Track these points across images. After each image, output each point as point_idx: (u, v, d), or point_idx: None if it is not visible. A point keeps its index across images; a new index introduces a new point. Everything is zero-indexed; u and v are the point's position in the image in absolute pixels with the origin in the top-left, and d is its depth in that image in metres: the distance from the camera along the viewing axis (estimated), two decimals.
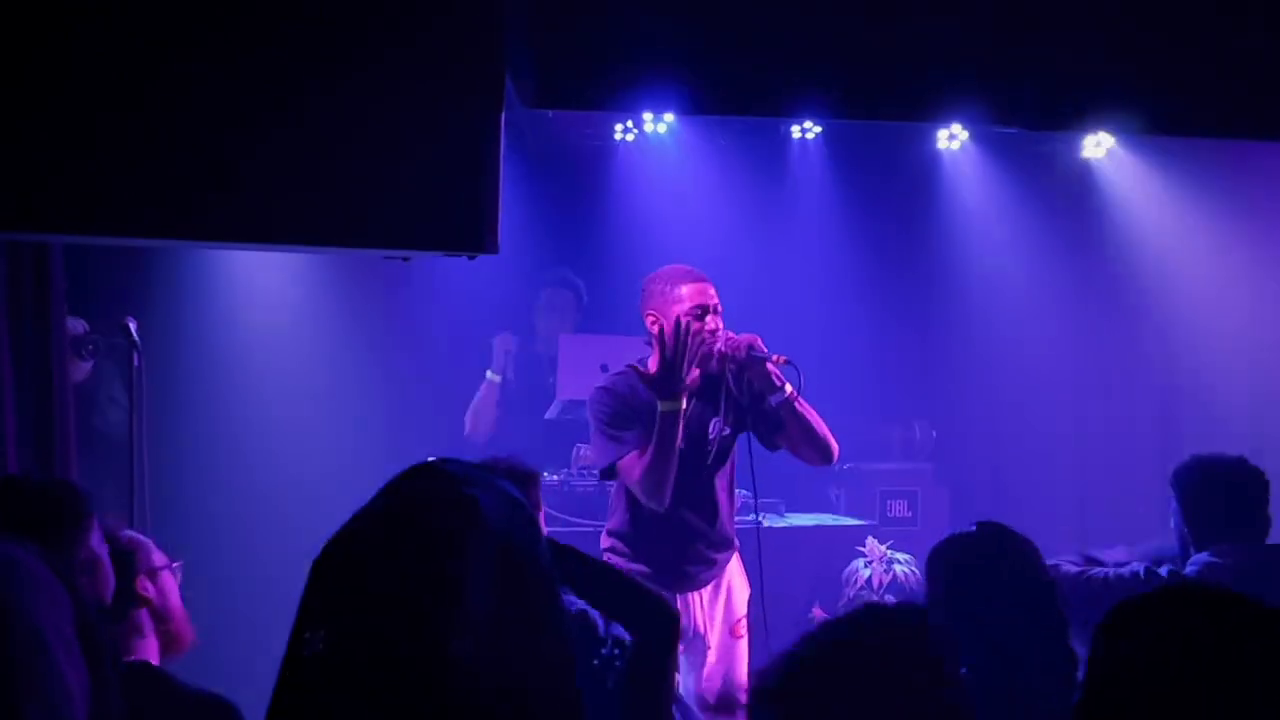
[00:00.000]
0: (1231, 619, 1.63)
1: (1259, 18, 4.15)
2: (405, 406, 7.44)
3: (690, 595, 5.34)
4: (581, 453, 6.92)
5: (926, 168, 7.97)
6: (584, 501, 6.57)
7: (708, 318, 5.23)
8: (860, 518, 7.25)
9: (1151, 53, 4.14)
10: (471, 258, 4.12)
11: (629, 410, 5.23)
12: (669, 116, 7.45)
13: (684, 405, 5.13)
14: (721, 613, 5.43)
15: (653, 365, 5.23)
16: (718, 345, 5.21)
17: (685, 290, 5.25)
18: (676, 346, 5.07)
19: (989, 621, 3.26)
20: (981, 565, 3.44)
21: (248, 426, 7.13)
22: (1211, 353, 7.87)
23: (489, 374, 7.30)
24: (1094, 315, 8.11)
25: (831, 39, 3.94)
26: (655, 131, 7.63)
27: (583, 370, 6.71)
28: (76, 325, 5.62)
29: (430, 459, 1.67)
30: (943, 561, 3.56)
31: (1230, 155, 7.15)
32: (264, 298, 7.32)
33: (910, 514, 7.49)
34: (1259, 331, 7.92)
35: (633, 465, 5.15)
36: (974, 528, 3.59)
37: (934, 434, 7.90)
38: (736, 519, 5.70)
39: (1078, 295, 8.09)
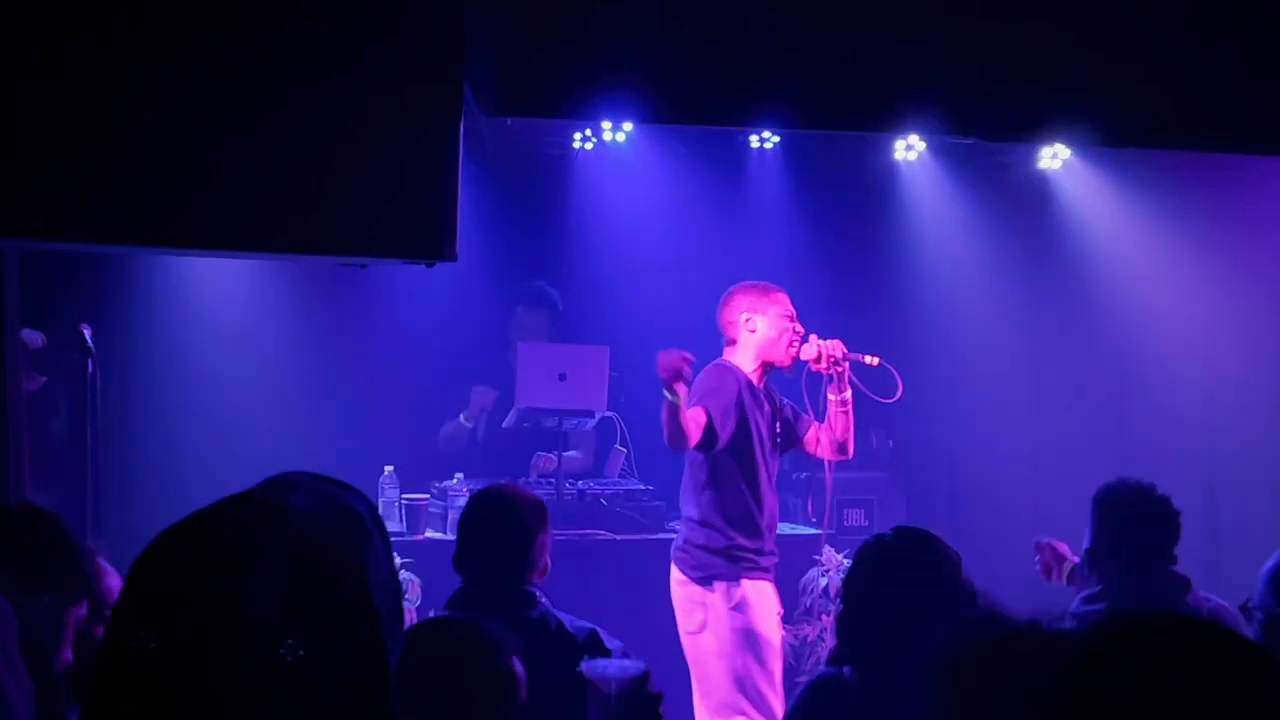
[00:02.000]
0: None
1: (1210, 33, 4.19)
2: (363, 413, 7.43)
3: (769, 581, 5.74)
4: (540, 461, 6.93)
5: (884, 178, 8.00)
6: None
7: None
8: (817, 527, 7.26)
9: (1106, 66, 4.17)
10: (429, 265, 4.12)
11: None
12: (628, 125, 7.46)
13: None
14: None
15: (748, 358, 5.81)
16: (817, 346, 5.77)
17: (779, 298, 5.84)
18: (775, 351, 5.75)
19: (894, 625, 3.28)
20: (895, 570, 3.47)
21: (203, 432, 7.10)
22: (1165, 362, 7.93)
23: (462, 418, 7.30)
24: (1050, 325, 8.16)
25: (789, 50, 3.95)
26: (614, 140, 7.63)
27: (541, 379, 6.72)
28: (36, 338, 5.59)
29: (286, 472, 1.67)
30: (858, 564, 3.60)
31: (1185, 167, 7.20)
32: (221, 304, 7.29)
33: (867, 523, 7.51)
34: (1212, 341, 7.98)
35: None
36: (890, 533, 3.63)
37: (891, 443, 7.93)
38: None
39: (1034, 305, 8.14)
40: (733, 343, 5.88)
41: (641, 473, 7.08)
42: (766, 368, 5.83)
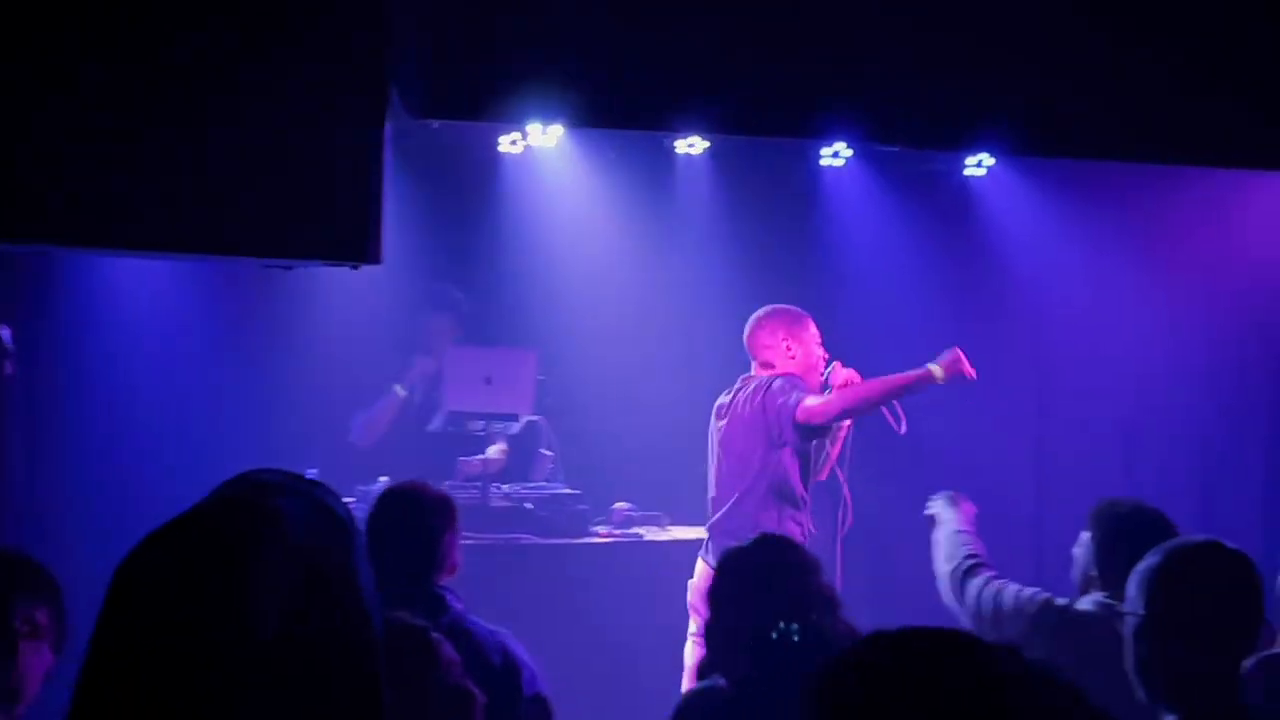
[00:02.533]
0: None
1: (1133, 43, 4.25)
2: (287, 415, 7.37)
3: None
4: (464, 465, 6.90)
5: (810, 184, 8.03)
6: (468, 515, 6.54)
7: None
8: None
9: (1028, 76, 4.22)
10: (354, 268, 4.10)
11: None
12: (556, 128, 7.44)
13: None
14: None
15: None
16: (844, 374, 6.12)
17: (811, 324, 6.22)
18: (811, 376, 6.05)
19: (759, 633, 3.32)
20: (756, 577, 3.50)
21: (125, 433, 7.03)
22: (1087, 368, 8.01)
23: (398, 388, 7.24)
24: (973, 331, 8.21)
25: (716, 56, 3.97)
26: (542, 144, 7.61)
27: (469, 382, 6.70)
28: None
29: (254, 470, 1.66)
30: (721, 574, 3.63)
31: (1108, 175, 7.28)
32: (145, 304, 7.21)
33: None
34: (1133, 347, 8.08)
35: None
36: (750, 542, 3.67)
37: None
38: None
39: (957, 311, 8.19)
40: (768, 365, 6.11)
41: (568, 476, 7.07)
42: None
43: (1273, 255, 7.55)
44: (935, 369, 5.84)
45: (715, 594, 3.63)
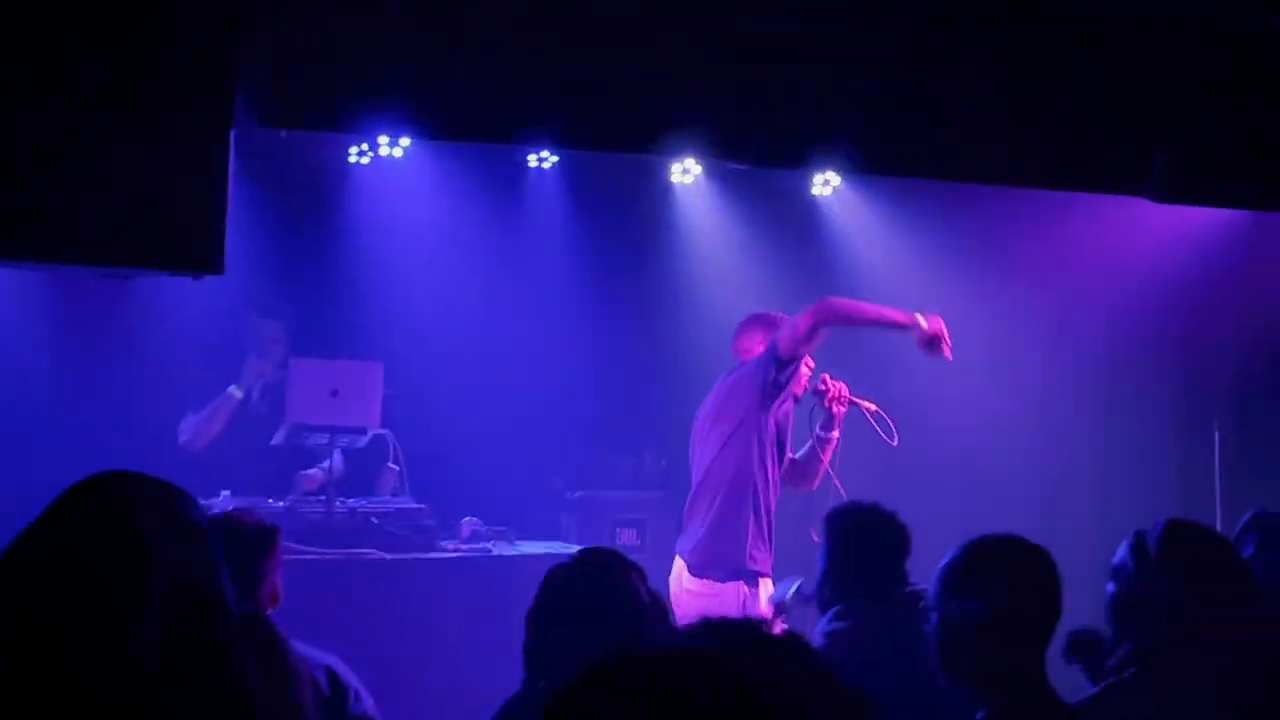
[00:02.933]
0: None
1: (968, 67, 4.34)
2: (127, 427, 7.22)
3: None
4: (303, 480, 6.80)
5: (660, 200, 8.08)
6: (312, 530, 6.46)
7: None
8: (591, 545, 7.26)
9: (870, 97, 4.29)
10: (196, 277, 4.04)
11: None
12: (405, 140, 7.41)
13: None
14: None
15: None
16: (829, 384, 6.16)
17: None
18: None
19: (579, 645, 3.32)
20: (578, 591, 3.52)
21: None
22: (932, 382, 8.14)
23: (233, 389, 7.11)
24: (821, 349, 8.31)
25: (562, 71, 3.97)
26: (391, 155, 7.57)
27: (313, 395, 6.62)
28: None
29: (106, 474, 1.64)
30: (543, 588, 3.65)
31: (953, 195, 7.41)
32: None
33: (640, 541, 7.57)
34: (979, 365, 8.23)
35: None
36: (574, 556, 3.69)
37: (664, 462, 8.00)
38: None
39: None
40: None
41: (414, 491, 7.02)
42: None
43: (1105, 274, 7.74)
44: (921, 320, 5.90)
45: (536, 610, 3.61)
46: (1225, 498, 6.59)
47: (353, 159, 7.61)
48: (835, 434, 6.18)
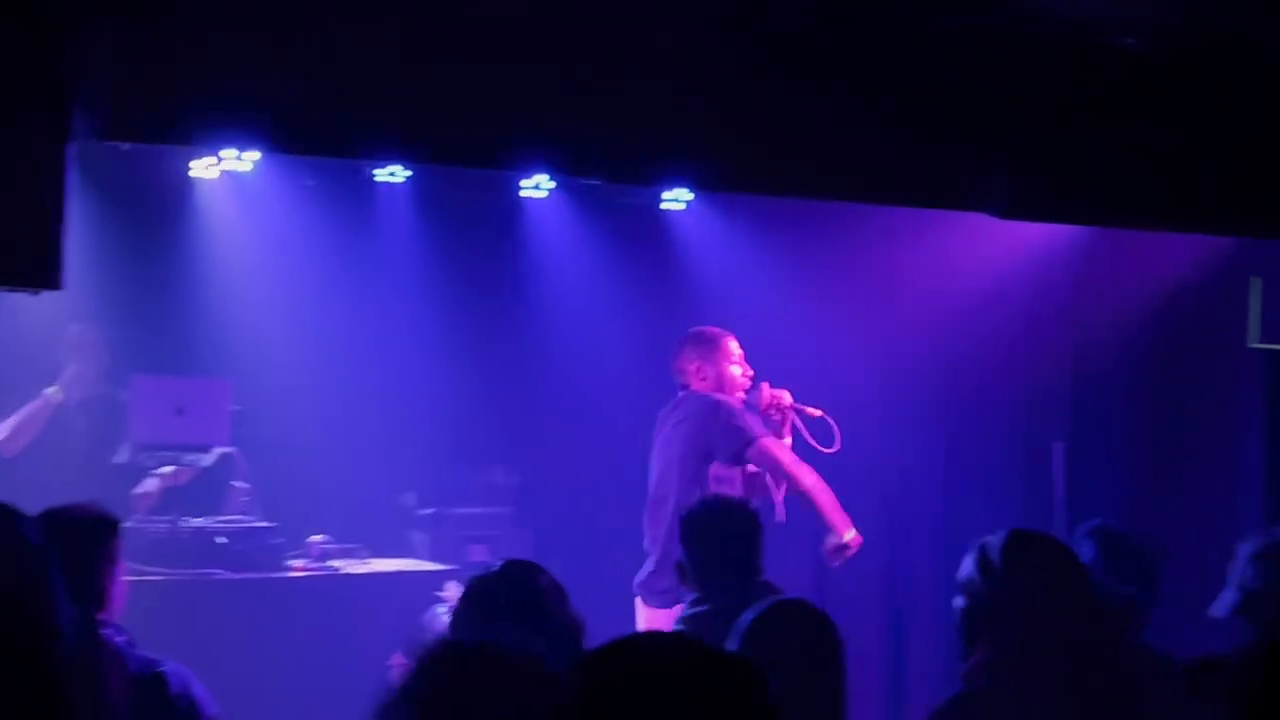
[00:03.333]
0: None
1: (812, 85, 4.39)
2: None
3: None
4: (139, 499, 6.66)
5: (511, 215, 8.06)
6: (157, 549, 6.35)
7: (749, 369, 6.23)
8: (442, 562, 7.24)
9: (717, 115, 4.32)
10: (34, 293, 3.96)
11: None
12: (253, 154, 7.30)
13: None
14: None
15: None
16: (769, 393, 6.21)
17: (726, 345, 6.27)
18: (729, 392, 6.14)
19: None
20: (496, 602, 3.51)
21: None
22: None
23: (49, 390, 6.92)
24: (670, 361, 8.34)
25: (408, 84, 3.95)
26: (238, 169, 7.45)
27: (157, 412, 6.50)
28: None
29: None
30: (463, 599, 3.63)
31: (802, 212, 7.48)
32: None
33: (491, 558, 7.51)
34: (820, 379, 8.32)
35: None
36: (499, 564, 3.68)
37: (516, 478, 7.98)
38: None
39: (655, 342, 8.30)
40: (685, 387, 6.29)
41: (263, 509, 6.93)
42: None
43: (947, 288, 7.86)
44: (851, 534, 5.96)
45: (455, 619, 3.60)
46: (1064, 510, 6.73)
47: (198, 173, 7.48)
48: (787, 440, 6.20)
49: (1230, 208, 5.33)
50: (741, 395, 6.20)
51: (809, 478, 6.00)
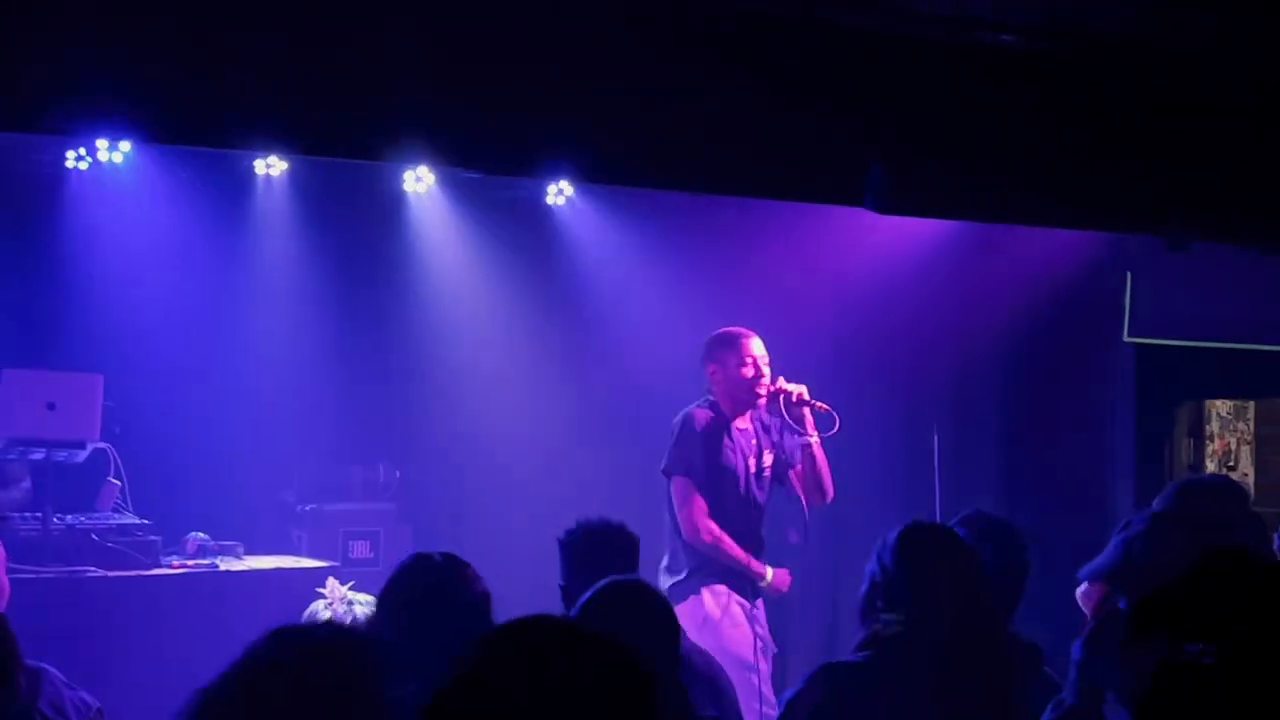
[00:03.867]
0: None
1: (693, 77, 4.39)
2: None
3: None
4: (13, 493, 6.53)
5: (393, 208, 8.00)
6: (27, 547, 6.21)
7: (764, 369, 6.22)
8: (323, 559, 7.16)
9: (598, 107, 4.31)
10: None
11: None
12: (125, 145, 7.18)
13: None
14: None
15: (723, 402, 6.25)
16: (773, 388, 6.18)
17: (742, 345, 6.26)
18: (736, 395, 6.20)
19: (433, 646, 3.32)
20: (434, 594, 3.52)
21: None
22: (660, 396, 8.22)
23: None
24: (554, 359, 8.34)
25: (283, 70, 3.88)
26: (111, 160, 7.32)
27: (27, 408, 6.37)
28: None
29: None
30: (393, 585, 3.64)
31: (684, 205, 7.50)
32: None
33: (373, 554, 7.48)
34: (702, 376, 8.35)
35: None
36: (438, 557, 3.70)
37: (398, 474, 7.92)
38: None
39: (539, 338, 8.30)
40: (709, 389, 6.32)
41: (136, 506, 6.81)
42: (743, 408, 6.23)
43: (830, 279, 7.92)
44: (769, 577, 6.12)
45: (379, 605, 3.67)
46: (944, 499, 6.80)
47: (70, 164, 7.34)
48: (812, 438, 6.22)
49: (1105, 205, 5.40)
50: (761, 396, 6.20)
51: (705, 536, 6.06)
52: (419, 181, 7.90)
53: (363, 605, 6.59)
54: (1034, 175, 5.20)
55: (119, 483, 6.77)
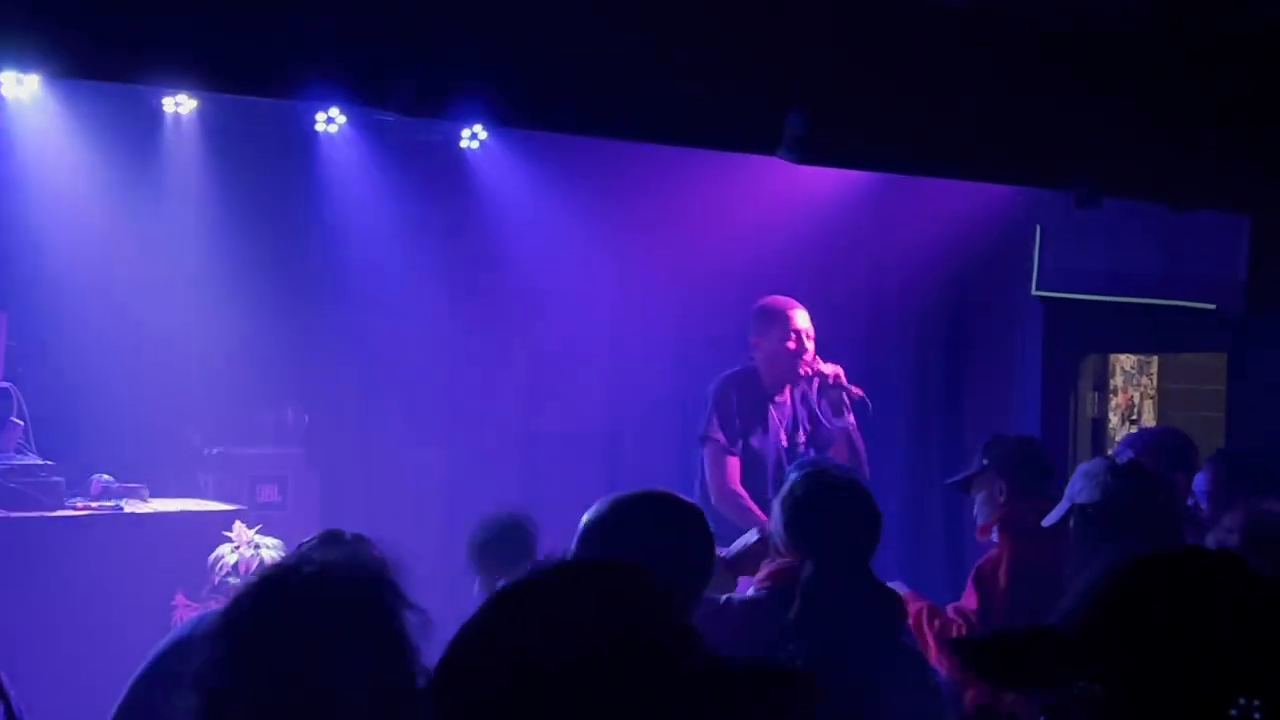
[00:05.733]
0: None
1: (606, 20, 4.36)
2: None
3: None
4: None
5: (304, 150, 7.91)
6: None
7: (808, 344, 6.24)
8: (229, 502, 7.11)
9: (511, 48, 4.27)
10: None
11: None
12: (31, 80, 7.03)
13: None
14: None
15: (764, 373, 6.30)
16: (812, 368, 6.21)
17: (784, 319, 6.26)
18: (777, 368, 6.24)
19: None
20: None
21: None
22: (572, 342, 8.23)
23: None
24: (466, 301, 8.30)
25: (193, 8, 3.81)
26: (18, 97, 7.17)
27: None
28: None
29: None
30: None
31: (597, 152, 7.46)
32: None
33: (280, 498, 7.44)
34: (618, 319, 8.36)
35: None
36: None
37: (306, 418, 7.87)
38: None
39: (450, 282, 8.25)
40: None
41: (41, 447, 6.72)
42: (784, 381, 6.27)
43: (738, 231, 7.92)
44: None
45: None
46: None
47: None
48: (849, 419, 6.24)
49: (1017, 159, 5.43)
50: (802, 371, 6.20)
51: (729, 498, 6.08)
52: (330, 123, 7.81)
53: (270, 549, 6.56)
54: (949, 130, 5.21)
55: (22, 423, 6.69)
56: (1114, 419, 8.49)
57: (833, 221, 7.91)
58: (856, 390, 6.22)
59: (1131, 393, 8.71)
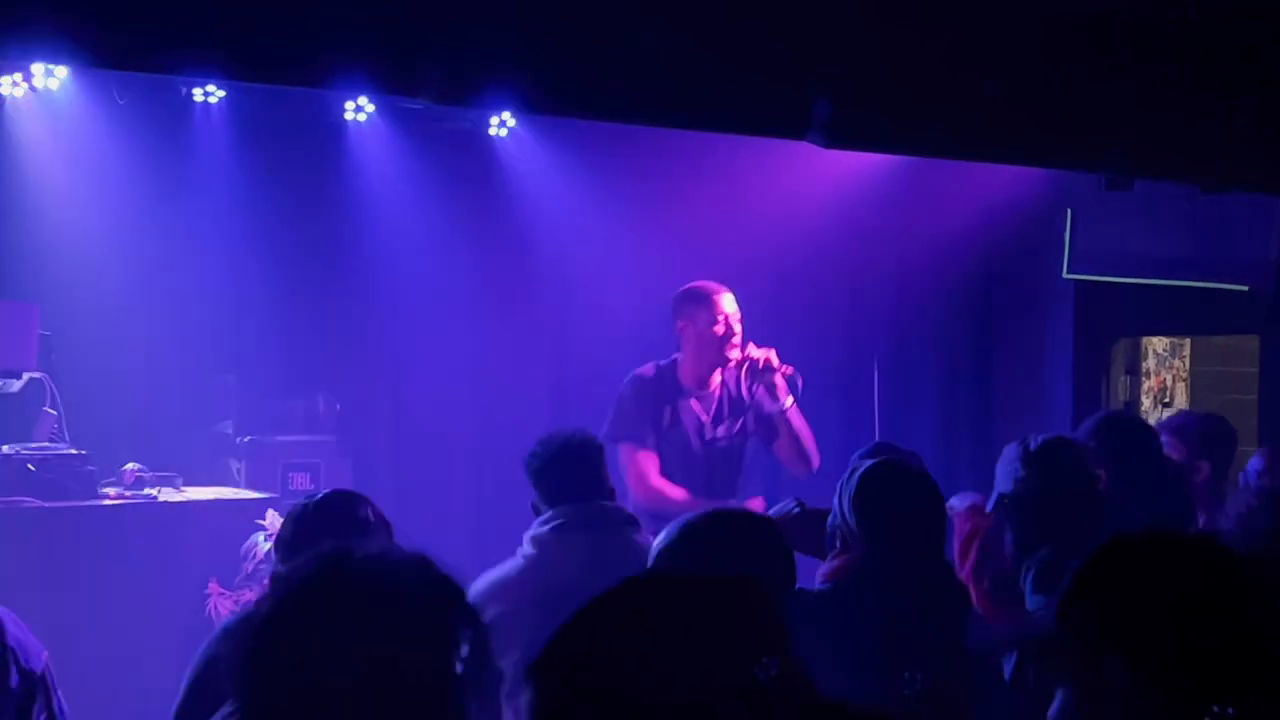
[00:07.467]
0: None
1: (633, 6, 4.36)
2: None
3: None
4: None
5: (333, 138, 7.92)
6: None
7: (736, 327, 6.05)
8: (262, 490, 7.14)
9: (540, 35, 4.26)
10: None
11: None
12: (61, 71, 7.07)
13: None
14: None
15: (684, 368, 6.13)
16: (742, 353, 6.03)
17: (712, 303, 6.05)
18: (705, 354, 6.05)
19: None
20: (320, 531, 3.54)
21: None
22: (602, 330, 8.22)
23: None
24: (496, 291, 8.31)
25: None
26: (48, 87, 7.21)
27: None
28: None
29: None
30: (287, 524, 3.73)
31: (626, 137, 7.46)
32: None
33: (313, 486, 7.45)
34: (645, 311, 8.35)
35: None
36: (321, 494, 3.74)
37: (338, 406, 7.89)
38: None
39: (481, 271, 8.27)
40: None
41: (74, 437, 6.76)
42: (711, 367, 6.09)
43: (771, 209, 7.92)
44: None
45: (277, 547, 3.73)
46: (883, 433, 6.85)
47: (5, 91, 7.23)
48: (787, 402, 6.06)
49: (1047, 141, 5.41)
50: (731, 356, 6.03)
51: (653, 494, 5.91)
52: (359, 111, 7.82)
53: None
54: (978, 111, 5.19)
55: (55, 413, 6.72)
56: (1146, 402, 8.46)
57: (862, 207, 7.90)
58: (788, 368, 6.04)
59: (1164, 376, 8.68)
